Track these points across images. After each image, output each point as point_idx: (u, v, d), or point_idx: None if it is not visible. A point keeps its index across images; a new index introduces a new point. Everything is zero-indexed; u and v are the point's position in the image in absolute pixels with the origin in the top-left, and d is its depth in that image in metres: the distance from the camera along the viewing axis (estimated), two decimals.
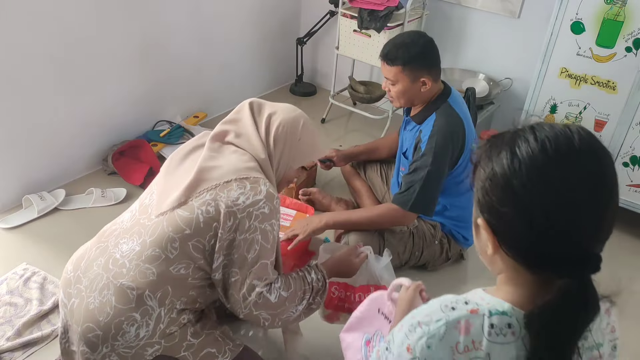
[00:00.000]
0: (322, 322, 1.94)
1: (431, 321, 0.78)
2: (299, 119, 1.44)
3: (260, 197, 1.27)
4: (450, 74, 3.13)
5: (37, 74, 2.30)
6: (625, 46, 2.22)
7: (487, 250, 0.79)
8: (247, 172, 1.31)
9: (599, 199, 0.72)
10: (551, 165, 0.72)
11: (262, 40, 3.45)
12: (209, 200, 1.26)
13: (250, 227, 1.26)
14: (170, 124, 2.98)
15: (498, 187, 0.75)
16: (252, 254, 1.28)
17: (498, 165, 0.76)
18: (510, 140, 0.77)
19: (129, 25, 2.60)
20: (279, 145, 1.40)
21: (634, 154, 2.37)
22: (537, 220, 0.72)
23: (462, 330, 0.76)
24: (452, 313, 0.77)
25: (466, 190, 2.06)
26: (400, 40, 1.90)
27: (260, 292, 1.30)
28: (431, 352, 0.76)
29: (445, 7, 3.09)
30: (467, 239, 2.17)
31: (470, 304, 0.78)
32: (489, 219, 0.78)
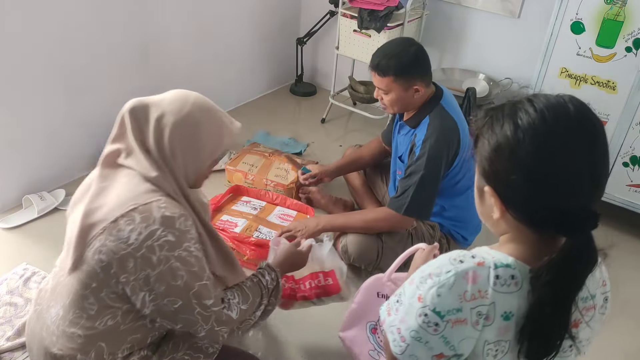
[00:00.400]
0: (321, 322, 1.95)
1: (441, 272, 0.84)
2: (193, 115, 1.21)
3: (155, 227, 1.12)
4: (450, 74, 3.13)
5: (37, 74, 2.29)
6: (625, 46, 2.22)
7: (493, 215, 0.86)
8: (136, 200, 1.14)
9: (596, 161, 0.80)
10: (552, 133, 0.79)
11: (262, 40, 3.45)
12: (99, 248, 1.13)
13: (160, 259, 1.13)
14: None
15: (504, 157, 0.81)
16: (181, 280, 1.16)
17: (502, 136, 0.82)
18: (511, 112, 0.83)
19: (129, 25, 2.60)
20: (177, 155, 1.20)
21: (634, 154, 2.37)
22: (542, 184, 0.79)
23: (469, 280, 0.82)
24: (461, 265, 0.84)
25: (463, 191, 2.06)
26: (390, 50, 1.87)
27: (219, 311, 1.23)
28: (441, 300, 0.83)
29: (445, 7, 3.09)
30: (466, 238, 2.17)
31: (477, 258, 0.85)
32: (496, 186, 0.84)
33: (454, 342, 0.85)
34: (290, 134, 3.16)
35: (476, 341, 0.84)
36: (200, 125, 1.22)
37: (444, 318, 0.83)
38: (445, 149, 1.89)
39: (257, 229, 2.16)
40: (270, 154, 2.69)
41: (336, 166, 2.39)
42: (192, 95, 1.25)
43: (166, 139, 1.18)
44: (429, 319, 0.84)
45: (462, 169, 1.98)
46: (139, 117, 1.20)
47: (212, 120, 1.25)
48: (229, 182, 2.62)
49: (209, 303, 1.20)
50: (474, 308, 0.82)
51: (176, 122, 1.19)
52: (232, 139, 1.31)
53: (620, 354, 1.94)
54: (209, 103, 1.27)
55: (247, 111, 3.43)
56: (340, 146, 3.09)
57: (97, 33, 2.46)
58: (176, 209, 1.17)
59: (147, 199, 1.15)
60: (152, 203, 1.15)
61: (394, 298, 0.93)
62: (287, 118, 3.45)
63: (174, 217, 1.15)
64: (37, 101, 2.33)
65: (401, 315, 0.89)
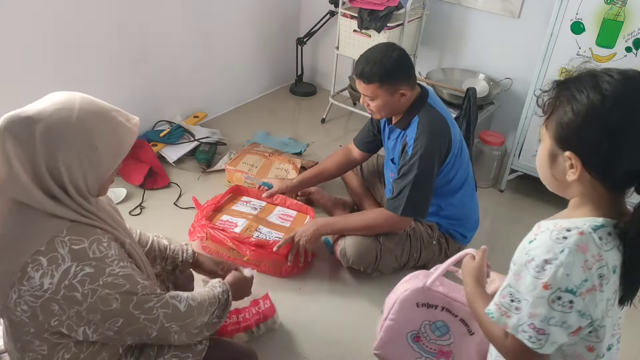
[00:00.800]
0: (321, 321, 1.95)
1: (556, 254, 0.89)
2: (84, 122, 1.07)
3: (67, 264, 1.05)
4: (450, 74, 3.13)
5: (37, 74, 2.30)
6: (625, 46, 2.22)
7: (568, 178, 0.93)
8: (37, 242, 1.05)
9: None
10: (635, 96, 0.87)
11: (262, 40, 3.45)
12: (17, 300, 1.06)
13: (84, 294, 1.07)
14: (170, 124, 2.98)
15: (592, 124, 0.88)
16: (116, 302, 1.10)
17: (589, 105, 0.88)
18: (593, 83, 0.89)
19: (129, 25, 2.59)
20: (74, 171, 1.08)
21: None
22: (629, 144, 0.87)
23: (583, 249, 0.89)
24: (569, 240, 0.89)
25: (458, 188, 2.06)
26: (373, 57, 1.87)
27: (165, 303, 1.19)
28: (570, 278, 0.88)
29: (445, 7, 3.09)
30: (465, 236, 2.17)
31: (573, 229, 0.91)
32: (578, 150, 0.90)
33: (590, 311, 0.91)
34: (290, 134, 3.16)
35: (603, 302, 0.92)
36: (94, 131, 1.08)
37: (577, 293, 0.88)
38: (437, 145, 1.90)
39: (257, 229, 2.16)
40: (270, 154, 2.69)
41: (298, 180, 2.35)
42: (76, 98, 1.10)
43: (59, 157, 1.05)
44: (562, 300, 0.89)
45: (454, 165, 1.99)
46: (19, 135, 1.04)
47: (105, 122, 1.11)
48: (229, 182, 2.62)
49: (152, 304, 1.16)
50: (596, 272, 0.89)
51: (66, 134, 1.05)
52: (133, 137, 1.17)
53: (620, 355, 1.94)
54: (98, 103, 1.13)
55: (247, 111, 3.43)
56: (340, 146, 3.08)
57: (97, 33, 2.46)
58: (83, 236, 1.08)
59: (47, 235, 1.05)
60: (55, 239, 1.05)
61: (505, 300, 0.96)
62: (287, 118, 3.45)
63: (84, 248, 1.07)
64: None
65: (528, 311, 0.92)
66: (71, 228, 1.08)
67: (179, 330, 1.23)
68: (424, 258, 2.13)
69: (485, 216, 2.61)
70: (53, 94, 1.13)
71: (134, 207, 2.43)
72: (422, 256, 2.11)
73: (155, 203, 2.50)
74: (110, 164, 1.14)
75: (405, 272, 2.16)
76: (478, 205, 2.22)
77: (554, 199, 2.97)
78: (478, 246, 1.34)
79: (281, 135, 3.13)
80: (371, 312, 1.99)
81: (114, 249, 1.13)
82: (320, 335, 1.89)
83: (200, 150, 2.80)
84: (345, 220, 2.10)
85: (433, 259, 2.15)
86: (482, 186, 2.77)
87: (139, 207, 2.45)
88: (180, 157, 2.77)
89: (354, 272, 2.15)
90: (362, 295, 2.07)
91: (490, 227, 2.57)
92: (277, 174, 2.54)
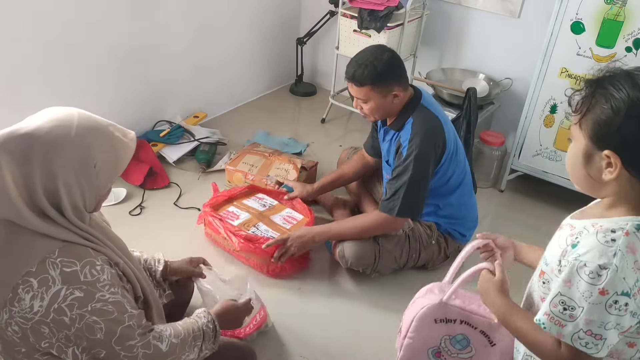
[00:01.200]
0: (320, 322, 1.95)
1: (609, 258, 0.90)
2: (82, 140, 1.07)
3: (57, 287, 1.03)
4: (451, 74, 3.13)
5: (37, 74, 2.30)
6: (625, 46, 2.22)
7: (605, 177, 0.93)
8: (28, 262, 1.03)
9: None
10: None
11: (262, 40, 3.45)
12: (8, 320, 1.06)
13: (72, 319, 1.06)
14: (170, 124, 2.98)
15: (632, 119, 0.88)
16: (101, 333, 1.09)
17: (628, 101, 0.89)
18: (629, 79, 0.91)
19: (129, 25, 2.59)
20: (73, 188, 1.07)
21: None
22: None
23: (633, 251, 0.90)
24: (618, 243, 0.91)
25: (455, 187, 2.06)
26: (363, 59, 1.88)
27: (147, 343, 1.15)
28: (626, 281, 0.89)
29: (445, 7, 3.09)
30: (464, 235, 2.17)
31: (617, 230, 0.92)
32: (618, 148, 0.90)
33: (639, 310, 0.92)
34: (290, 134, 3.16)
35: None
36: (92, 147, 1.07)
37: (631, 294, 0.90)
38: (431, 146, 1.90)
39: (256, 225, 2.17)
40: (270, 154, 2.68)
41: (319, 186, 2.37)
42: (73, 114, 1.10)
43: (58, 175, 1.04)
44: (619, 303, 0.90)
45: (450, 165, 1.99)
46: (15, 153, 1.02)
47: (103, 138, 1.10)
48: (229, 182, 2.62)
49: (133, 343, 1.13)
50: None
51: (65, 152, 1.04)
52: (130, 152, 1.16)
53: None
54: (95, 119, 1.13)
55: (247, 111, 3.43)
56: (340, 146, 3.09)
57: (97, 33, 2.46)
58: (75, 258, 1.06)
59: (38, 256, 1.04)
60: (46, 260, 1.03)
61: (557, 309, 0.96)
62: (287, 118, 3.45)
63: (76, 272, 1.05)
64: (36, 102, 2.32)
65: (584, 318, 0.92)
66: (63, 249, 1.06)
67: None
68: (423, 258, 2.13)
69: (485, 216, 2.61)
70: (49, 110, 1.12)
71: (134, 207, 2.43)
72: (421, 256, 2.11)
73: (155, 203, 2.50)
74: (108, 180, 1.14)
75: (405, 272, 2.18)
76: (476, 203, 2.22)
77: (553, 199, 2.97)
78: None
79: (281, 135, 3.12)
80: (370, 313, 2.00)
81: (107, 273, 1.11)
82: (319, 335, 1.89)
83: (200, 150, 2.80)
84: (339, 226, 2.09)
85: (432, 259, 2.15)
86: (482, 186, 2.77)
87: (139, 207, 2.45)
88: (180, 157, 2.77)
89: (353, 273, 2.15)
90: (361, 296, 2.07)
91: (490, 227, 2.57)
92: (277, 174, 2.54)
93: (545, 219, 2.62)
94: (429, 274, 2.19)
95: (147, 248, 1.60)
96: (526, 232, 2.53)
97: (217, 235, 2.18)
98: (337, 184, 2.40)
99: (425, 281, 2.17)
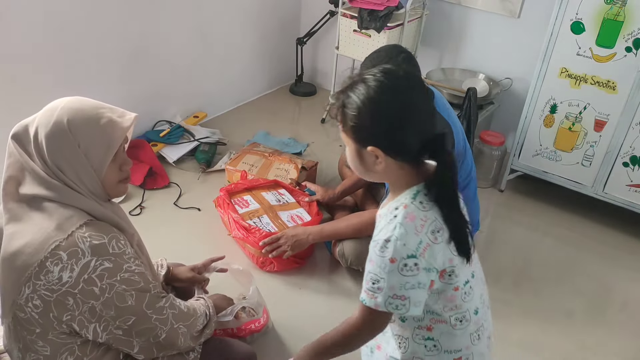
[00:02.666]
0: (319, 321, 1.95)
1: (391, 231, 1.05)
2: (62, 121, 1.11)
3: (87, 259, 1.08)
4: (450, 74, 3.13)
5: (36, 74, 2.30)
6: (625, 46, 2.22)
7: (377, 168, 1.08)
8: (56, 236, 1.08)
9: (424, 105, 1.09)
10: (397, 81, 1.06)
11: (262, 40, 3.45)
12: (30, 295, 1.08)
13: (103, 288, 1.10)
14: (170, 124, 2.98)
15: (373, 115, 1.04)
16: (131, 299, 1.14)
17: (363, 102, 1.04)
18: (361, 83, 1.05)
19: (129, 25, 2.59)
20: (65, 168, 1.12)
21: (634, 154, 2.37)
22: (407, 123, 1.04)
23: (411, 218, 1.05)
24: (398, 217, 1.06)
25: (460, 190, 2.04)
26: (378, 60, 1.84)
27: (172, 304, 1.24)
28: (407, 245, 1.04)
29: (445, 7, 3.09)
30: None
31: (400, 206, 1.08)
32: (375, 143, 1.05)
33: (432, 264, 1.06)
34: (290, 134, 3.16)
35: (442, 251, 1.07)
36: (73, 128, 1.11)
37: (417, 255, 1.04)
38: None
39: (260, 216, 2.21)
40: (270, 154, 2.69)
41: (340, 191, 2.36)
42: (64, 100, 1.16)
43: (46, 155, 1.10)
44: (408, 265, 1.04)
45: (459, 168, 1.99)
46: (21, 139, 1.14)
47: (86, 119, 1.13)
48: (229, 183, 2.62)
49: (161, 304, 1.21)
50: (428, 231, 1.05)
51: (48, 134, 1.10)
52: (121, 131, 1.16)
53: (620, 354, 1.94)
54: (83, 102, 1.16)
55: (247, 111, 3.43)
56: (340, 146, 3.09)
57: (96, 33, 2.46)
58: (102, 232, 1.11)
59: (66, 230, 1.09)
60: (74, 234, 1.08)
61: (368, 285, 1.09)
62: (287, 118, 3.45)
63: (104, 244, 1.10)
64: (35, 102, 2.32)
65: (387, 285, 1.06)
66: (90, 223, 1.12)
67: (185, 332, 1.27)
68: None
69: (485, 216, 2.61)
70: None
71: (134, 207, 2.43)
72: None
73: (155, 203, 2.50)
74: (101, 159, 1.15)
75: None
76: (479, 207, 2.22)
77: (553, 199, 2.97)
78: (478, 246, 1.34)
79: (281, 135, 3.13)
80: None
81: (129, 248, 1.17)
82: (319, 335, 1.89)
83: (200, 150, 2.80)
84: (335, 226, 2.10)
85: None
86: (482, 186, 2.77)
87: (139, 207, 2.45)
88: (180, 157, 2.77)
89: (353, 273, 2.15)
90: None
91: (490, 227, 2.57)
92: (277, 174, 2.54)
93: (545, 219, 2.63)
94: None
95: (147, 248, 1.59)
96: (526, 232, 2.54)
97: (223, 216, 2.26)
98: (357, 187, 2.40)
99: None
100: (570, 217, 2.65)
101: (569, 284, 2.24)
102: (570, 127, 2.48)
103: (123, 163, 1.21)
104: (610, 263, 2.39)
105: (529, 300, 2.14)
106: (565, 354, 1.92)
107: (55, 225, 1.09)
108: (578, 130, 2.47)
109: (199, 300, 1.44)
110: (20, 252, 1.08)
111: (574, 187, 2.59)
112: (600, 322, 2.08)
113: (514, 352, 1.91)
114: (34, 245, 1.08)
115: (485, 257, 2.36)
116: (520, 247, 2.44)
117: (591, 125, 2.42)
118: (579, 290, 2.22)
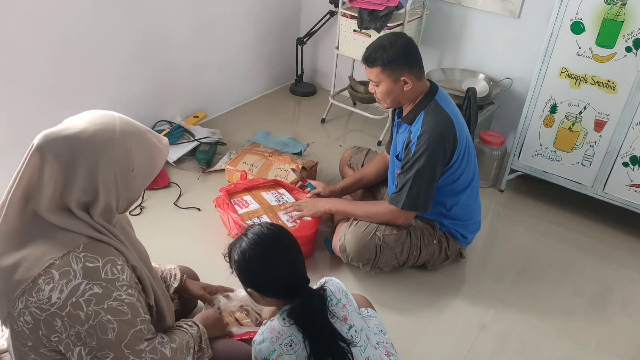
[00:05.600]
0: None
1: (257, 336, 1.33)
2: (125, 145, 1.11)
3: (78, 281, 1.05)
4: (450, 74, 3.13)
5: (36, 75, 2.29)
6: (625, 46, 2.22)
7: (261, 302, 1.38)
8: (52, 253, 1.06)
9: (286, 258, 1.36)
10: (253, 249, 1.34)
11: (262, 40, 3.45)
12: (22, 310, 1.07)
13: (88, 315, 1.07)
14: (170, 124, 2.98)
15: (244, 270, 1.36)
16: (112, 333, 1.11)
17: (238, 261, 1.36)
18: (238, 243, 1.36)
19: (129, 25, 2.60)
20: (110, 191, 1.11)
21: (634, 154, 2.37)
22: (259, 278, 1.35)
23: (271, 331, 1.30)
24: (266, 340, 1.29)
25: (465, 187, 2.06)
26: (378, 43, 1.94)
27: (154, 348, 1.19)
28: (262, 351, 1.29)
29: (445, 7, 3.09)
30: (465, 237, 2.17)
31: (269, 329, 1.31)
32: (254, 287, 1.35)
33: None
34: (290, 134, 3.16)
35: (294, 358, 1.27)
36: (133, 151, 1.12)
37: (270, 358, 1.27)
38: (440, 143, 1.90)
39: (260, 217, 2.19)
40: (270, 154, 2.69)
41: (342, 187, 2.37)
42: (115, 118, 1.14)
43: (99, 178, 1.08)
44: None
45: (461, 164, 1.99)
46: (59, 154, 1.06)
47: (142, 144, 1.15)
48: (229, 183, 2.62)
49: (142, 347, 1.16)
50: (282, 343, 1.27)
51: (109, 155, 1.09)
52: (164, 158, 1.21)
53: (620, 354, 1.94)
54: (135, 124, 1.17)
55: (247, 111, 3.43)
56: (340, 146, 3.09)
57: (97, 33, 2.46)
58: (98, 255, 1.09)
59: (63, 249, 1.07)
60: (70, 254, 1.06)
61: None
62: (287, 118, 3.45)
63: (97, 267, 1.08)
64: (35, 102, 2.33)
65: None
66: (88, 245, 1.09)
67: None
68: (423, 257, 2.13)
69: (485, 216, 2.61)
70: (89, 112, 1.15)
71: (134, 207, 2.43)
72: (421, 255, 2.12)
73: (155, 203, 2.50)
74: (142, 183, 1.19)
75: (405, 271, 2.18)
76: (481, 207, 2.22)
77: (553, 199, 2.96)
78: (478, 246, 1.34)
79: (281, 135, 3.13)
80: None
81: (126, 273, 1.14)
82: None
83: (200, 150, 2.80)
84: (352, 204, 2.18)
85: (433, 258, 2.15)
86: (482, 186, 2.77)
87: (139, 207, 2.45)
88: (180, 157, 2.77)
89: (353, 271, 2.15)
90: (362, 293, 2.07)
91: (490, 227, 2.57)
92: (277, 174, 2.54)
93: (545, 219, 2.63)
94: (428, 273, 2.20)
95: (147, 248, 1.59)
96: (526, 232, 2.54)
97: (223, 216, 2.27)
98: (359, 185, 2.41)
99: (425, 281, 2.18)
100: (570, 217, 2.65)
101: (569, 283, 2.24)
102: (570, 127, 2.48)
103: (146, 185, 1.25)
104: (610, 263, 2.39)
105: (529, 300, 2.14)
106: (565, 353, 1.92)
107: (53, 241, 1.08)
108: (578, 130, 2.47)
109: (193, 329, 1.38)
110: (16, 265, 1.07)
111: (574, 187, 2.59)
112: (600, 322, 2.08)
113: (513, 352, 1.91)
114: (30, 260, 1.07)
115: (486, 257, 2.36)
116: (520, 247, 2.44)
117: (591, 125, 2.42)
118: (579, 290, 2.22)
